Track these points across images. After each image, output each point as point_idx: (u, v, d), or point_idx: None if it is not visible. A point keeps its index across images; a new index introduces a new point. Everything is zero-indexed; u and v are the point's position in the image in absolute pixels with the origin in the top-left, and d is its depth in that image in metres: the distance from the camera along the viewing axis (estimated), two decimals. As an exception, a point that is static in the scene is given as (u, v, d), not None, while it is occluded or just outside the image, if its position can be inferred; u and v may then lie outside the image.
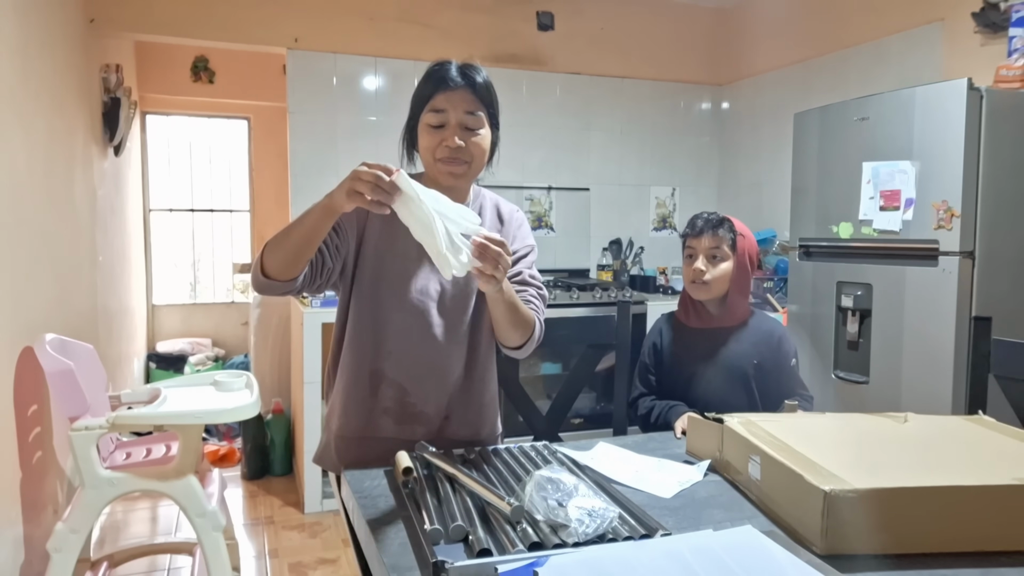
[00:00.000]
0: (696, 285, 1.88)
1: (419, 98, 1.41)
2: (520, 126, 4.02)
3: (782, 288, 3.48)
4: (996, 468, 1.06)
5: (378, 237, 1.43)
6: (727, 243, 1.87)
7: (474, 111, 1.38)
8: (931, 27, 3.05)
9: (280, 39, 3.57)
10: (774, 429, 1.24)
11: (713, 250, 1.87)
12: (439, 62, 1.41)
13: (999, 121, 2.27)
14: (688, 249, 1.92)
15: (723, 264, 1.87)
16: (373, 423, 1.45)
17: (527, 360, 3.46)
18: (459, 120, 1.37)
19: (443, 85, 1.37)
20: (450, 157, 1.38)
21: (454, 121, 1.37)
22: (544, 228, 4.12)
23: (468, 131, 1.38)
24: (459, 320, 1.44)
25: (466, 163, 1.39)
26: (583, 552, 0.93)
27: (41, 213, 2.42)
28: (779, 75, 3.96)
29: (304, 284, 1.34)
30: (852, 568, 0.94)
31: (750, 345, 1.88)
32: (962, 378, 2.27)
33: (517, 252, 1.50)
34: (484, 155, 1.43)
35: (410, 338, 1.42)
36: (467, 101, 1.37)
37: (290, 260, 1.28)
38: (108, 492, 2.16)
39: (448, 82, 1.37)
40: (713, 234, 1.87)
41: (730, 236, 1.87)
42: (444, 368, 1.44)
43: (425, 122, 1.39)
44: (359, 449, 1.45)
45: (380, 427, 1.44)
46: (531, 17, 3.99)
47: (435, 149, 1.39)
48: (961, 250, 2.27)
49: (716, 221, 1.89)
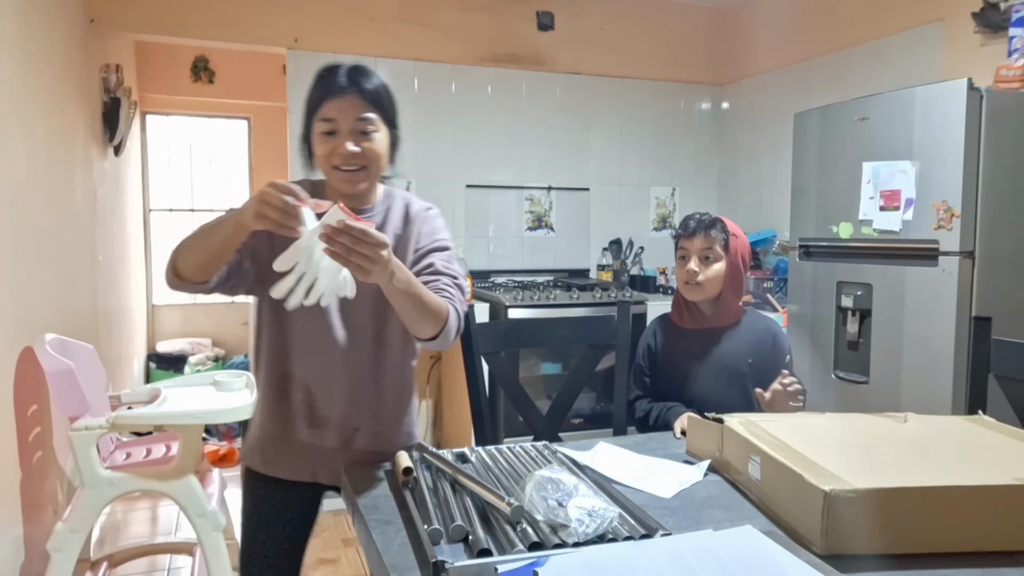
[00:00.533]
0: (689, 286, 1.89)
1: (309, 106, 1.40)
2: (520, 126, 4.02)
3: (782, 288, 3.48)
4: (996, 468, 1.06)
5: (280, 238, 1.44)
6: (720, 244, 1.87)
7: (366, 115, 1.36)
8: (931, 27, 3.05)
9: (280, 39, 3.57)
10: (774, 429, 1.24)
11: (706, 251, 1.87)
12: (327, 67, 1.40)
13: (999, 121, 2.27)
14: (681, 250, 1.93)
15: (716, 265, 1.87)
16: (287, 425, 1.46)
17: (527, 360, 3.46)
18: (350, 127, 1.35)
19: (331, 93, 1.36)
20: (345, 164, 1.37)
21: (345, 128, 1.35)
22: (544, 228, 4.12)
23: (362, 135, 1.37)
24: (362, 326, 1.42)
25: (363, 168, 1.38)
26: (583, 552, 0.93)
27: (41, 213, 2.42)
28: (779, 75, 3.96)
29: (218, 284, 1.35)
30: (852, 568, 0.94)
31: (744, 344, 1.88)
32: (962, 378, 2.26)
33: (424, 246, 1.47)
34: (381, 158, 1.41)
35: (311, 343, 1.41)
36: (357, 106, 1.36)
37: (202, 266, 1.29)
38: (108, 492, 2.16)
39: (335, 89, 1.36)
40: (705, 235, 1.87)
41: (722, 237, 1.88)
42: (347, 375, 1.43)
43: (317, 131, 1.38)
44: (274, 450, 1.49)
45: (294, 429, 1.46)
46: (531, 17, 3.99)
47: (330, 156, 1.37)
48: (961, 250, 2.27)
49: (708, 222, 1.89)
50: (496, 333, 2.00)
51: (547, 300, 3.34)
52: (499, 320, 3.23)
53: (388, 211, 1.49)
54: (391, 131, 1.43)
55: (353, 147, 1.35)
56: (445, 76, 3.85)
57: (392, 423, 1.49)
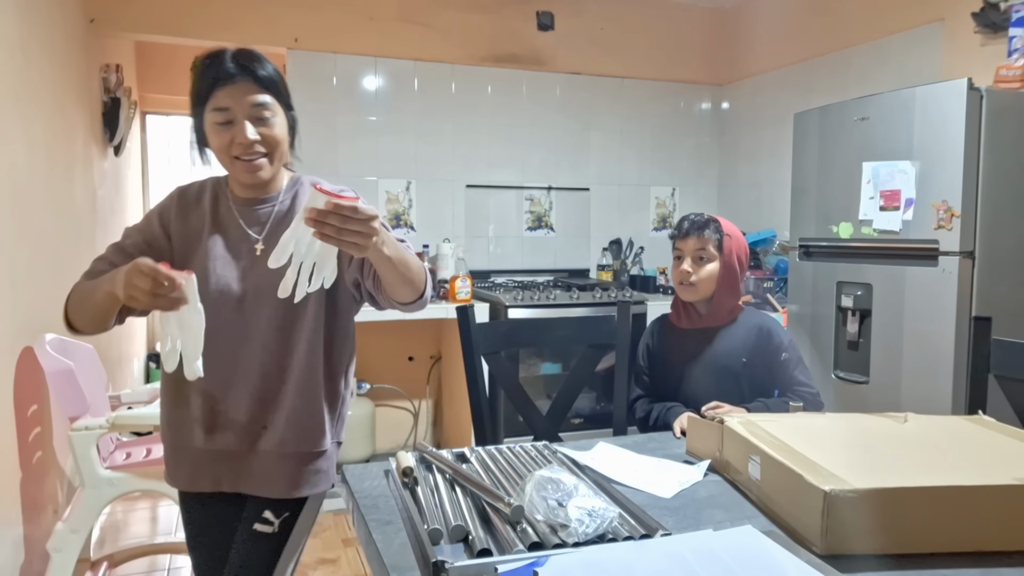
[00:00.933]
0: (684, 286, 1.90)
1: (199, 97, 1.31)
2: (520, 126, 4.02)
3: (782, 288, 3.48)
4: (996, 468, 1.06)
5: (181, 239, 1.40)
6: (713, 244, 1.88)
7: (261, 100, 1.30)
8: (931, 27, 3.05)
9: (280, 39, 3.57)
10: (774, 429, 1.24)
11: (699, 251, 1.88)
12: (210, 54, 1.31)
13: (999, 121, 2.27)
14: (676, 251, 1.94)
15: (709, 265, 1.88)
16: (185, 433, 1.39)
17: (527, 360, 3.46)
18: (246, 113, 1.29)
19: (221, 80, 1.28)
20: (246, 153, 1.31)
21: (241, 115, 1.29)
22: (544, 228, 4.12)
23: (259, 121, 1.31)
24: (265, 322, 1.34)
25: (265, 155, 1.33)
26: (583, 552, 0.93)
27: (41, 213, 2.42)
28: (779, 75, 3.96)
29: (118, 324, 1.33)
30: (852, 568, 0.94)
31: (738, 342, 1.88)
32: (962, 378, 2.26)
33: None
34: (282, 143, 1.35)
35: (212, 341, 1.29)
36: (251, 91, 1.29)
37: (93, 321, 1.29)
38: (108, 492, 2.16)
39: (225, 76, 1.28)
40: (699, 235, 1.88)
41: (716, 237, 1.88)
42: (251, 373, 1.36)
43: (211, 121, 1.30)
44: (175, 461, 1.43)
45: (191, 437, 1.39)
46: (531, 17, 3.99)
47: (228, 147, 1.31)
48: (961, 250, 2.27)
49: (702, 222, 1.89)
50: (496, 333, 2.00)
51: (547, 300, 3.34)
52: (499, 320, 3.23)
53: (295, 199, 1.42)
54: (288, 114, 1.37)
55: (252, 134, 1.29)
56: (445, 76, 3.85)
57: (305, 421, 1.38)
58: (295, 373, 1.37)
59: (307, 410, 1.38)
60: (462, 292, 3.36)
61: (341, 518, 3.18)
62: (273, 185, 1.41)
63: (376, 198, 3.75)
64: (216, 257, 1.37)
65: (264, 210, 1.41)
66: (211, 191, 1.43)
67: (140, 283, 1.09)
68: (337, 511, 3.25)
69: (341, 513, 3.22)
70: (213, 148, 1.34)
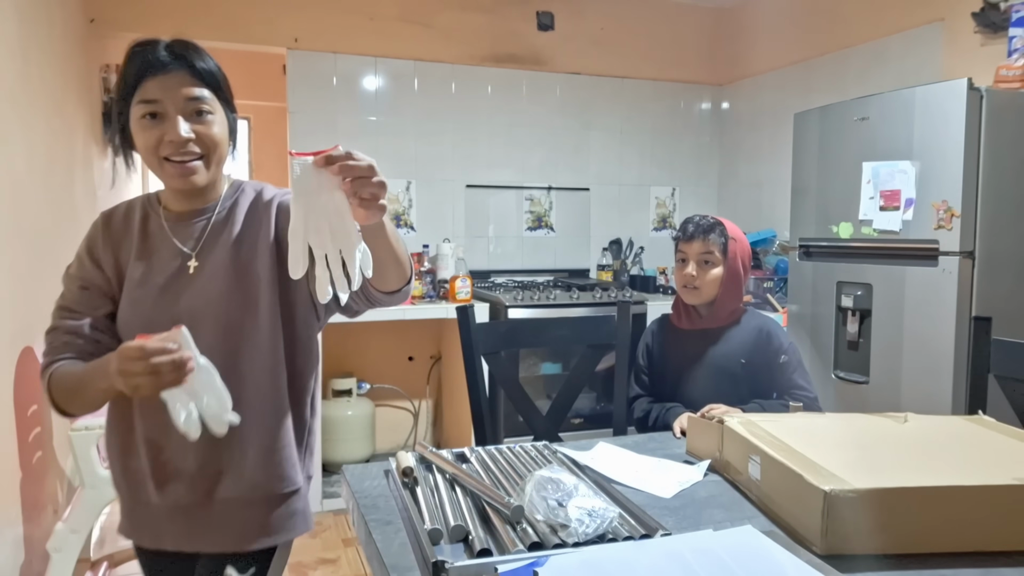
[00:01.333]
0: (687, 290, 1.90)
1: (125, 87, 1.14)
2: (520, 126, 4.02)
3: (782, 288, 3.48)
4: (996, 468, 1.06)
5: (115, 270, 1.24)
6: (718, 248, 1.87)
7: (198, 94, 1.14)
8: (931, 27, 3.05)
9: (280, 39, 3.57)
10: (774, 429, 1.24)
11: (704, 255, 1.87)
12: (141, 41, 1.15)
13: (999, 121, 2.27)
14: (680, 253, 1.93)
15: (714, 270, 1.87)
16: (139, 486, 1.22)
17: (527, 360, 3.46)
18: (180, 108, 1.13)
19: (152, 69, 1.12)
20: (177, 153, 1.14)
21: (173, 110, 1.13)
22: (544, 228, 4.12)
23: (196, 117, 1.15)
24: (207, 350, 1.06)
25: (200, 157, 1.16)
26: (583, 552, 0.93)
27: (41, 213, 2.42)
28: (779, 75, 3.96)
29: None
30: (852, 568, 0.94)
31: (738, 344, 1.88)
32: (962, 378, 2.26)
33: None
34: (221, 145, 1.18)
35: None
36: (186, 83, 1.13)
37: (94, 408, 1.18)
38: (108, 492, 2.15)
39: (157, 65, 1.12)
40: (704, 239, 1.87)
41: (721, 241, 1.88)
42: None
43: (137, 115, 1.14)
44: (133, 516, 1.26)
45: (145, 491, 1.21)
46: (531, 17, 3.99)
47: (156, 147, 1.14)
48: (961, 250, 2.27)
49: (707, 226, 1.89)
50: (496, 333, 2.00)
51: (547, 300, 3.34)
52: (499, 320, 3.23)
53: (234, 206, 1.25)
54: (229, 116, 1.21)
55: (185, 131, 1.12)
56: (445, 76, 3.85)
57: (270, 458, 1.21)
58: (252, 405, 1.17)
59: (272, 445, 1.21)
60: (462, 292, 3.36)
61: (341, 518, 3.18)
62: (211, 193, 1.25)
63: (376, 198, 3.75)
64: (142, 283, 1.20)
65: (199, 223, 1.23)
66: (140, 210, 1.27)
67: (136, 369, 0.97)
68: (337, 511, 3.25)
69: (341, 513, 3.22)
70: (139, 148, 1.17)
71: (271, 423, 1.21)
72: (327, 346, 3.46)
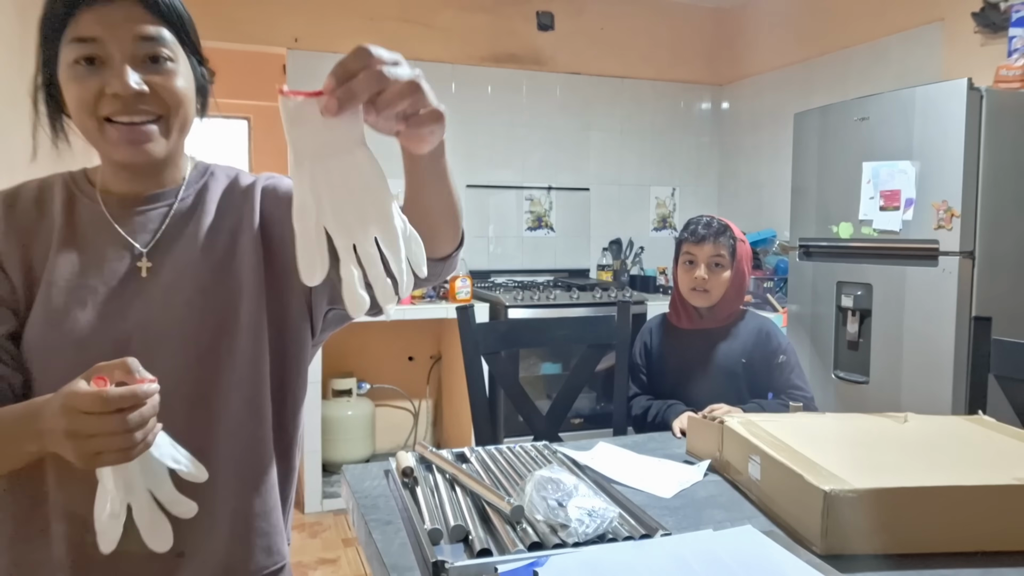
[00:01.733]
0: (696, 292, 1.88)
1: (50, 23, 0.85)
2: (520, 126, 4.02)
3: (782, 288, 3.48)
4: (996, 468, 1.06)
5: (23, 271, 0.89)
6: (728, 250, 1.87)
7: (152, 33, 0.83)
8: (931, 27, 3.05)
9: (280, 39, 3.58)
10: (774, 429, 1.24)
11: (715, 258, 1.87)
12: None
13: (999, 121, 2.27)
14: (687, 255, 1.92)
15: (724, 273, 1.87)
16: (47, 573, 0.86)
17: (527, 360, 3.46)
18: (127, 51, 0.82)
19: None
20: (126, 112, 0.83)
21: (118, 54, 0.82)
22: (544, 228, 4.12)
23: (151, 64, 0.84)
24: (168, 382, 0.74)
25: (156, 119, 0.85)
26: (583, 552, 0.93)
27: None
28: (779, 75, 3.96)
29: None
30: (852, 568, 0.94)
31: (738, 344, 1.88)
32: (962, 378, 2.26)
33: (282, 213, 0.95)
34: (186, 102, 0.87)
35: None
36: (135, 18, 0.82)
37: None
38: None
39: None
40: (716, 242, 1.87)
41: (731, 244, 1.88)
42: None
43: (68, 60, 0.83)
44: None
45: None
46: (531, 17, 3.99)
47: (94, 104, 0.83)
48: (961, 250, 2.27)
49: (719, 229, 1.89)
50: (496, 333, 2.00)
51: (547, 300, 3.34)
52: (499, 320, 3.23)
53: (204, 190, 0.96)
54: (195, 66, 0.91)
55: (135, 82, 0.82)
56: (445, 76, 3.85)
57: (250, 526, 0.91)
58: (226, 457, 0.88)
59: (251, 509, 0.91)
60: (462, 292, 3.36)
61: (341, 518, 3.18)
62: (169, 173, 0.94)
63: (376, 198, 3.76)
64: (73, 288, 0.87)
65: (156, 210, 0.93)
66: (63, 192, 0.95)
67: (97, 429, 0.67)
68: (337, 511, 3.25)
69: (341, 513, 3.22)
70: (70, 106, 0.86)
71: (251, 478, 0.91)
72: (327, 346, 3.46)
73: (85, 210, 0.93)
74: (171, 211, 0.93)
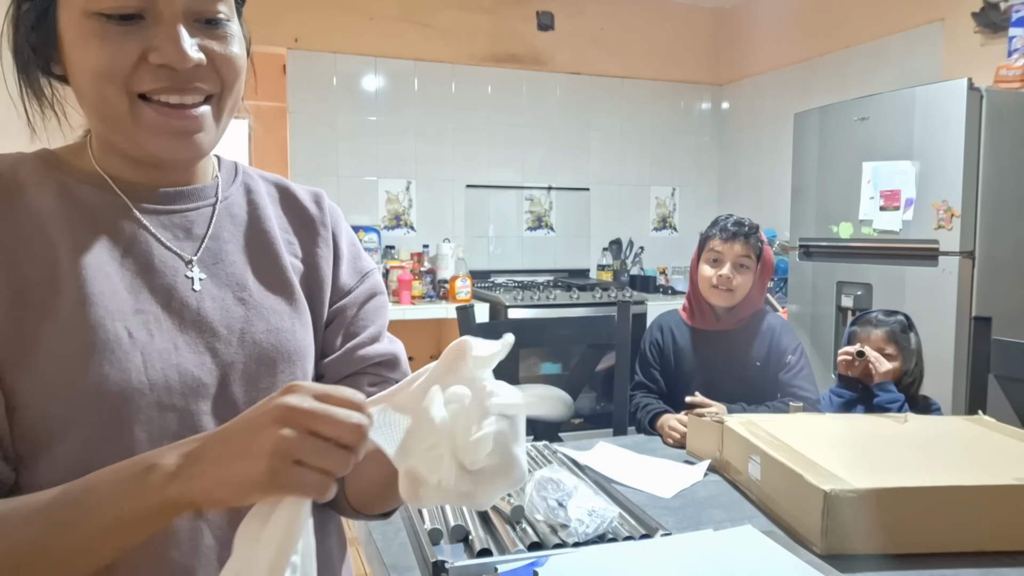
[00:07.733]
0: (719, 291, 1.84)
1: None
2: (520, 126, 4.02)
3: (782, 288, 3.48)
4: (996, 468, 1.06)
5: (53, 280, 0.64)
6: (755, 251, 1.86)
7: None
8: (931, 27, 3.05)
9: (280, 39, 3.58)
10: (774, 429, 1.24)
11: (743, 258, 1.84)
12: None
13: (999, 121, 2.27)
14: (712, 252, 1.87)
15: (749, 274, 1.85)
16: None
17: (527, 360, 3.46)
18: (182, 7, 0.62)
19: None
20: (175, 87, 0.63)
21: (167, 7, 0.62)
22: (544, 228, 4.12)
23: (207, 28, 0.64)
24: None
25: (208, 98, 0.66)
26: (583, 552, 0.93)
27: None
28: (779, 75, 3.96)
29: None
30: (852, 568, 0.94)
31: (753, 345, 1.87)
32: (962, 378, 2.26)
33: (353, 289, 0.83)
34: (239, 80, 0.69)
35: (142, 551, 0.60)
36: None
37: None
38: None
39: None
40: (745, 242, 1.85)
41: (759, 245, 1.87)
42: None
43: (88, 9, 0.61)
44: None
45: None
46: (531, 17, 3.99)
47: (129, 74, 0.62)
48: (961, 250, 2.27)
49: (750, 228, 1.87)
50: (496, 333, 1.99)
51: (547, 300, 3.34)
52: (499, 320, 3.23)
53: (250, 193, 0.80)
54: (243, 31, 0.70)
55: (193, 50, 0.63)
56: (445, 76, 3.85)
57: None
58: None
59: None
60: (462, 292, 3.36)
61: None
62: (203, 164, 0.75)
63: (376, 198, 3.76)
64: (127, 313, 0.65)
65: (199, 211, 0.74)
66: (48, 182, 0.70)
67: (340, 434, 0.51)
68: (337, 511, 3.24)
69: (341, 513, 3.21)
70: (82, 71, 0.63)
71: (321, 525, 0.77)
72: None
73: (99, 208, 0.68)
74: (214, 211, 0.74)
